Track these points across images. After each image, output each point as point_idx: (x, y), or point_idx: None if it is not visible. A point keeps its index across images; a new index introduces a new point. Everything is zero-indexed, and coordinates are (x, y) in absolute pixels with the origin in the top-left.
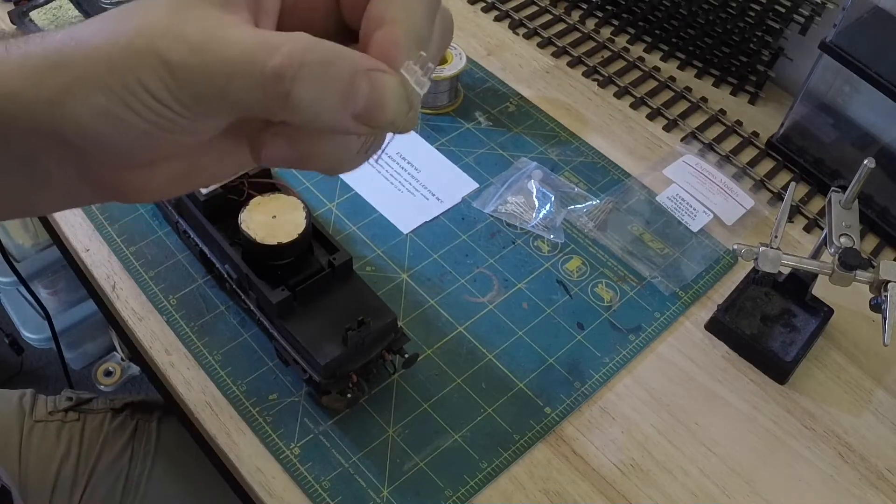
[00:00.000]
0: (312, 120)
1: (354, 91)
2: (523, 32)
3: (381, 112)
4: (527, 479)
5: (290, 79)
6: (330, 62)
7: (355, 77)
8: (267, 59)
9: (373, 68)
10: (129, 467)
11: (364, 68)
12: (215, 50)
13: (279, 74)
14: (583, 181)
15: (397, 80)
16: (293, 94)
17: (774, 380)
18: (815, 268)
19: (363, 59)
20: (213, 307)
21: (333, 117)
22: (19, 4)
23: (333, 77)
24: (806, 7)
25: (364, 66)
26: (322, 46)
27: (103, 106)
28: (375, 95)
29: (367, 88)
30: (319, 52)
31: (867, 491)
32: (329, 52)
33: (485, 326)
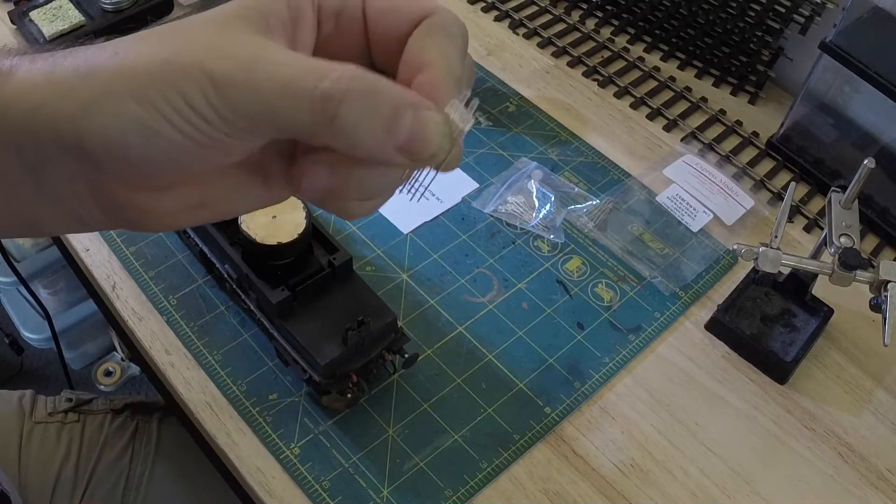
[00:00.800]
0: (356, 145)
1: (399, 122)
2: (523, 32)
3: (423, 145)
4: (527, 479)
5: (337, 102)
6: (377, 91)
7: (400, 108)
8: (317, 82)
9: (418, 104)
10: (129, 468)
11: (410, 102)
12: (265, 68)
13: (327, 97)
14: (583, 181)
15: (441, 117)
16: (339, 116)
17: (774, 380)
18: (815, 268)
19: (409, 93)
20: (213, 307)
21: (377, 145)
22: (19, 4)
23: (380, 105)
24: (806, 7)
25: (410, 100)
26: (370, 76)
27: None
28: (418, 128)
29: (412, 121)
30: (368, 80)
31: (867, 491)
32: (377, 81)
33: (485, 326)
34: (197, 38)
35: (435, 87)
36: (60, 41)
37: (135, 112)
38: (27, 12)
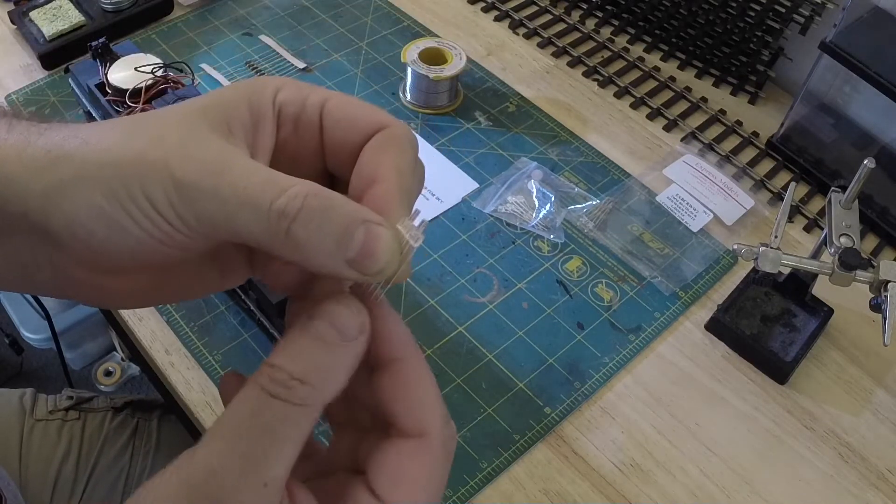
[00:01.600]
0: (307, 259)
1: (349, 238)
2: (523, 32)
3: (372, 261)
4: (527, 479)
5: (290, 219)
6: (330, 209)
7: (351, 225)
8: (275, 197)
9: (369, 220)
10: (129, 466)
11: (361, 219)
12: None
13: (282, 213)
14: (583, 181)
15: (391, 233)
16: (291, 232)
17: (774, 380)
18: (815, 268)
19: (361, 210)
20: (213, 307)
21: (327, 259)
22: (19, 4)
23: (331, 222)
24: (806, 7)
25: (361, 217)
26: (325, 193)
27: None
28: (369, 245)
29: (362, 237)
30: (322, 198)
31: (867, 491)
32: (330, 199)
33: (485, 326)
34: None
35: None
36: (59, 42)
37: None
38: (27, 12)
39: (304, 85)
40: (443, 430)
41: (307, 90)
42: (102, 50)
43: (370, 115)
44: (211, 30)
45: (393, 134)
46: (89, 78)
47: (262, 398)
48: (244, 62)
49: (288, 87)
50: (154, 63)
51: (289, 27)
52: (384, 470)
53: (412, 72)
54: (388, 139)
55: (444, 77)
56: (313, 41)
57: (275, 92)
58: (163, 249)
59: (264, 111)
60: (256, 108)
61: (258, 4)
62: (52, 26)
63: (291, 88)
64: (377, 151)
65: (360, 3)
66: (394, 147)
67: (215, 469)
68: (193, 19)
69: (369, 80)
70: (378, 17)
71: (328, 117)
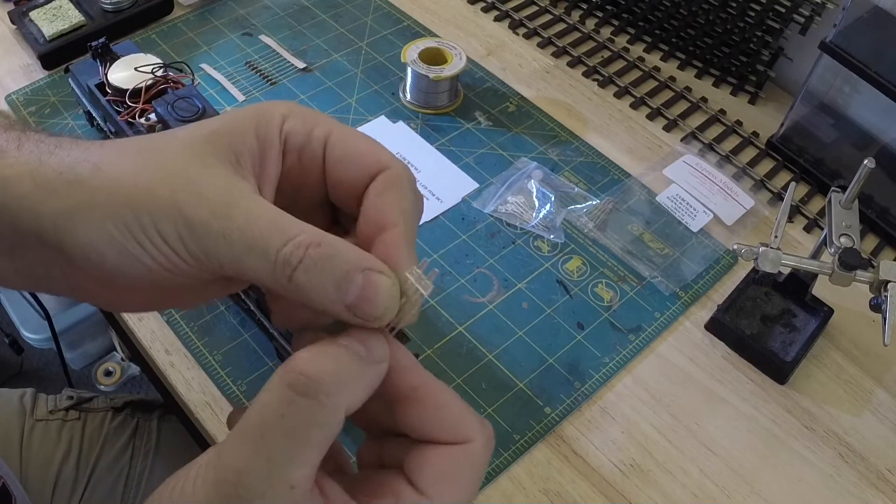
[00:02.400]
0: (309, 301)
1: (348, 284)
2: (523, 32)
3: (370, 306)
4: (527, 479)
5: (293, 267)
6: (332, 257)
7: (351, 272)
8: (280, 244)
9: (369, 268)
10: (129, 466)
11: (361, 267)
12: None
13: (286, 262)
14: (583, 181)
15: (390, 281)
16: (294, 278)
17: (774, 380)
18: (815, 268)
19: (361, 258)
20: (213, 307)
21: (327, 303)
22: (19, 4)
23: (332, 269)
24: (806, 7)
25: (361, 265)
26: (327, 241)
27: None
28: (367, 292)
29: (361, 284)
30: (324, 248)
31: (867, 491)
32: (333, 247)
33: (485, 326)
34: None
35: (396, 248)
36: (59, 42)
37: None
38: (27, 12)
39: (309, 115)
40: (483, 433)
41: (312, 122)
42: (102, 50)
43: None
44: (211, 30)
45: (394, 177)
46: (89, 78)
47: (289, 397)
48: (244, 62)
49: (294, 117)
50: (154, 63)
51: (289, 27)
52: (429, 468)
53: (412, 72)
54: (391, 183)
55: (444, 77)
56: (313, 41)
57: (282, 121)
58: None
59: (271, 140)
60: (263, 138)
61: (258, 4)
62: (52, 26)
63: (297, 119)
64: (382, 196)
65: (360, 3)
66: (397, 191)
67: (241, 471)
68: (193, 19)
69: (369, 80)
70: (378, 17)
71: (331, 153)
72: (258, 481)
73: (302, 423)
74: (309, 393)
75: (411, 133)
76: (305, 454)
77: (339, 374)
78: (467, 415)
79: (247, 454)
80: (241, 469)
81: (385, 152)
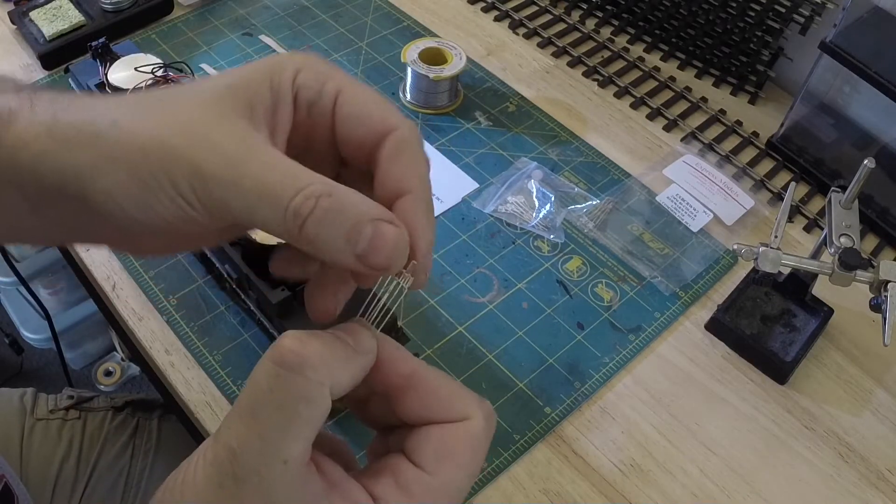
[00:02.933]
0: (318, 252)
1: (358, 235)
2: (523, 32)
3: (378, 256)
4: (527, 479)
5: (304, 217)
6: (341, 209)
7: (360, 224)
8: (292, 195)
9: (379, 217)
10: (129, 465)
11: (371, 217)
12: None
13: (297, 213)
14: (583, 181)
15: (398, 231)
16: (305, 229)
17: (774, 380)
18: (815, 268)
19: (371, 208)
20: (213, 307)
21: (337, 254)
22: (19, 4)
23: (343, 221)
24: (806, 7)
25: (372, 214)
26: (338, 193)
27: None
28: (375, 242)
29: (370, 235)
30: (335, 196)
31: (867, 491)
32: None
33: (485, 326)
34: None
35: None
36: (59, 42)
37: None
38: (27, 12)
39: (322, 68)
40: (482, 410)
41: (324, 75)
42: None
43: (380, 113)
44: (211, 30)
45: (405, 139)
46: (89, 78)
47: (275, 371)
48: (244, 62)
49: (307, 70)
50: (154, 63)
51: (289, 27)
52: (429, 446)
53: (412, 72)
54: (402, 146)
55: (444, 77)
56: (313, 41)
57: (294, 73)
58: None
59: (283, 93)
60: (276, 90)
61: (258, 4)
62: (52, 26)
63: (310, 72)
64: (395, 162)
65: (360, 3)
66: (409, 155)
67: (235, 449)
68: (193, 19)
69: (369, 80)
70: (378, 17)
71: (340, 111)
72: (252, 457)
73: (289, 398)
74: (294, 367)
75: None
76: (295, 429)
77: (322, 353)
78: (462, 393)
79: (240, 431)
80: (234, 447)
81: (393, 112)
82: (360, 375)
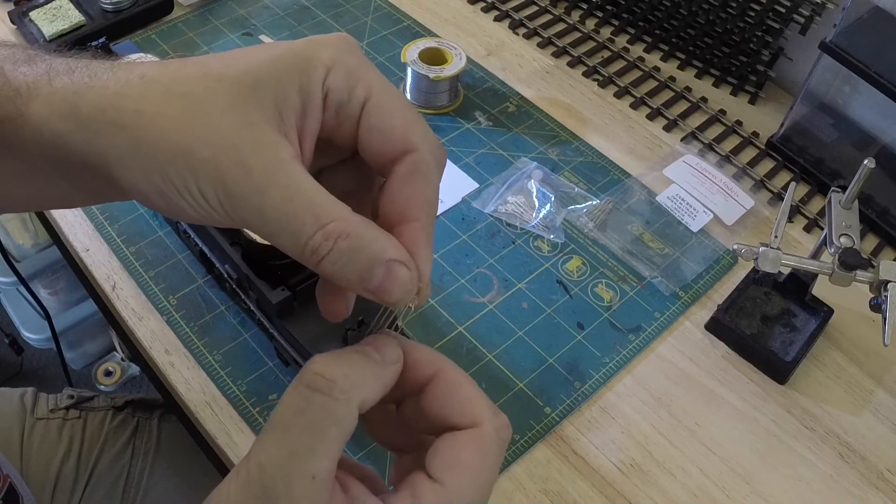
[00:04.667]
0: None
1: (370, 275)
2: (523, 32)
3: (388, 295)
4: (527, 479)
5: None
6: (357, 248)
7: (374, 265)
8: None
9: (393, 259)
10: (130, 465)
11: (386, 258)
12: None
13: (315, 250)
14: (583, 181)
15: (409, 273)
16: (322, 265)
17: (774, 380)
18: (815, 268)
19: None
20: (213, 307)
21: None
22: (19, 4)
23: (357, 262)
24: (806, 7)
25: (385, 256)
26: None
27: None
28: (386, 284)
29: (381, 275)
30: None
31: (867, 491)
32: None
33: (485, 326)
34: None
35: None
36: (60, 41)
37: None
38: (27, 12)
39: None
40: (494, 419)
41: (355, 77)
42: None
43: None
44: (211, 30)
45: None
46: None
47: (306, 394)
48: None
49: (337, 70)
50: None
51: (289, 27)
52: (440, 456)
53: (412, 72)
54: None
55: (444, 77)
56: None
57: (325, 73)
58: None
59: (314, 97)
60: (306, 93)
61: (258, 4)
62: (52, 26)
63: (340, 73)
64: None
65: (360, 3)
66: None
67: (265, 464)
68: (193, 19)
69: None
70: (378, 17)
71: (366, 119)
72: (281, 473)
73: (318, 418)
74: (324, 390)
75: None
76: (324, 447)
77: (351, 374)
78: (479, 400)
79: (270, 448)
80: (264, 462)
81: (418, 128)
82: (388, 386)
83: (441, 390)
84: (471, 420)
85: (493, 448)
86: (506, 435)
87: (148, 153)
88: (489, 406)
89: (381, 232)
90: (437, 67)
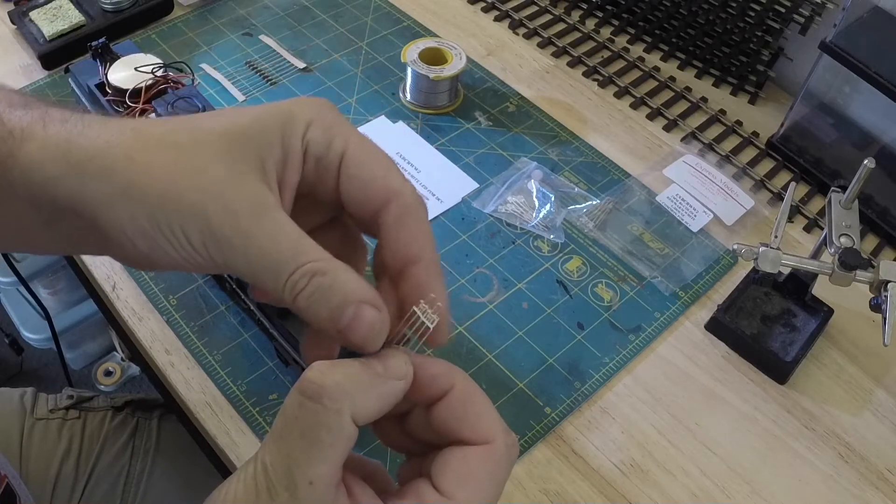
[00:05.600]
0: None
1: (340, 314)
2: (523, 32)
3: (354, 336)
4: (527, 479)
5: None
6: (330, 287)
7: (345, 304)
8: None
9: (362, 300)
10: (129, 465)
11: (355, 299)
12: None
13: (293, 287)
14: (583, 181)
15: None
16: (297, 301)
17: (774, 380)
18: (815, 268)
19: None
20: (213, 307)
21: (322, 325)
22: (19, 4)
23: (328, 300)
24: (806, 7)
25: (356, 297)
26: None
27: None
28: (353, 325)
29: (350, 316)
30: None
31: (867, 491)
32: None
33: (485, 326)
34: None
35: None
36: (59, 42)
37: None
38: (27, 12)
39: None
40: (505, 437)
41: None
42: (102, 50)
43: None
44: (211, 30)
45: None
46: (89, 78)
47: (300, 400)
48: (244, 62)
49: (316, 125)
50: (154, 63)
51: (289, 27)
52: (450, 470)
53: (412, 72)
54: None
55: (444, 77)
56: (313, 41)
57: (305, 128)
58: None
59: (294, 149)
60: (287, 145)
61: (258, 4)
62: (52, 26)
63: (319, 128)
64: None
65: (360, 3)
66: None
67: (267, 466)
68: (193, 19)
69: (369, 80)
70: (378, 17)
71: (345, 170)
72: (281, 476)
73: (310, 424)
74: (314, 397)
75: (411, 133)
76: (317, 452)
77: (342, 383)
78: (492, 415)
79: (273, 451)
80: (267, 464)
81: (395, 177)
82: (390, 400)
83: (454, 404)
84: (483, 437)
85: (504, 466)
86: (515, 453)
87: (136, 196)
88: (501, 425)
89: (357, 276)
90: (437, 67)
